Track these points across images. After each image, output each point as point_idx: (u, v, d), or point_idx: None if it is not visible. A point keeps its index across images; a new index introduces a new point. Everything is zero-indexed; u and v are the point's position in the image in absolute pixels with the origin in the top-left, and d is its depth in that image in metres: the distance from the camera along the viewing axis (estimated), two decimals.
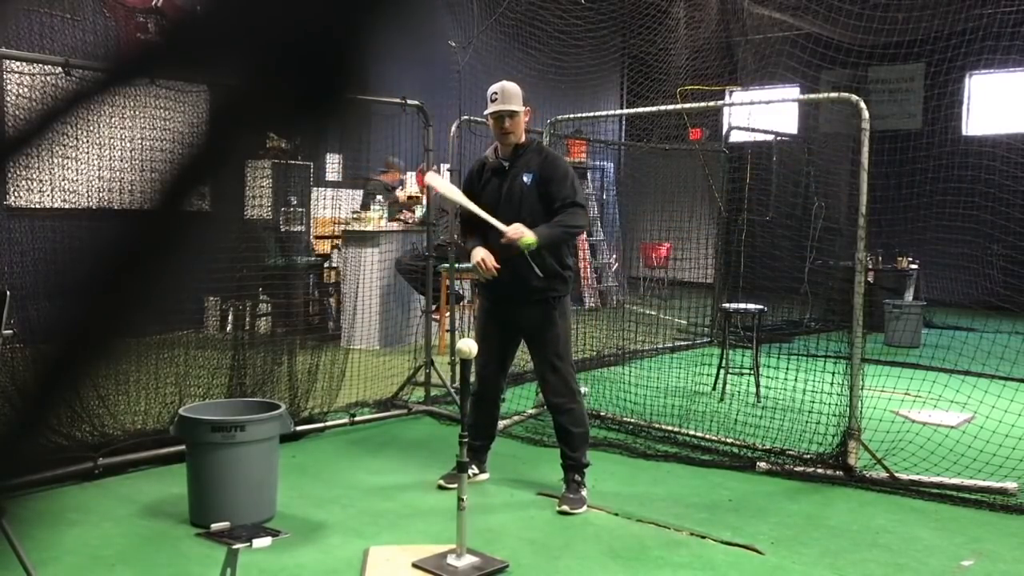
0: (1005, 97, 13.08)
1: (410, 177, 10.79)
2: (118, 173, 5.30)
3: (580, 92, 10.87)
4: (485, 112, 4.48)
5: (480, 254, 4.37)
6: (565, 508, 4.27)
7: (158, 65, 0.64)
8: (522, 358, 5.39)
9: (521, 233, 4.20)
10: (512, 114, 4.41)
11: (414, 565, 3.56)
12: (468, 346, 3.61)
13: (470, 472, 4.22)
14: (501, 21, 9.30)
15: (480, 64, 8.56)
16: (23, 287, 4.39)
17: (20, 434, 0.63)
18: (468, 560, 3.57)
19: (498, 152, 4.54)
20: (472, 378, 3.96)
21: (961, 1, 8.99)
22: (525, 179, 4.41)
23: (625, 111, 10.95)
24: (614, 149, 12.49)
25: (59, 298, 0.62)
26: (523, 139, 4.53)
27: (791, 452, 5.08)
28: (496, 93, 4.41)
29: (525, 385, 6.62)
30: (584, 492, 4.39)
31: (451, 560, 3.56)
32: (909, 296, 10.98)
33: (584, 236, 12.42)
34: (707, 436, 5.47)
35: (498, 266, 4.35)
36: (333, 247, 9.62)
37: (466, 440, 3.67)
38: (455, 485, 4.54)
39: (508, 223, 4.33)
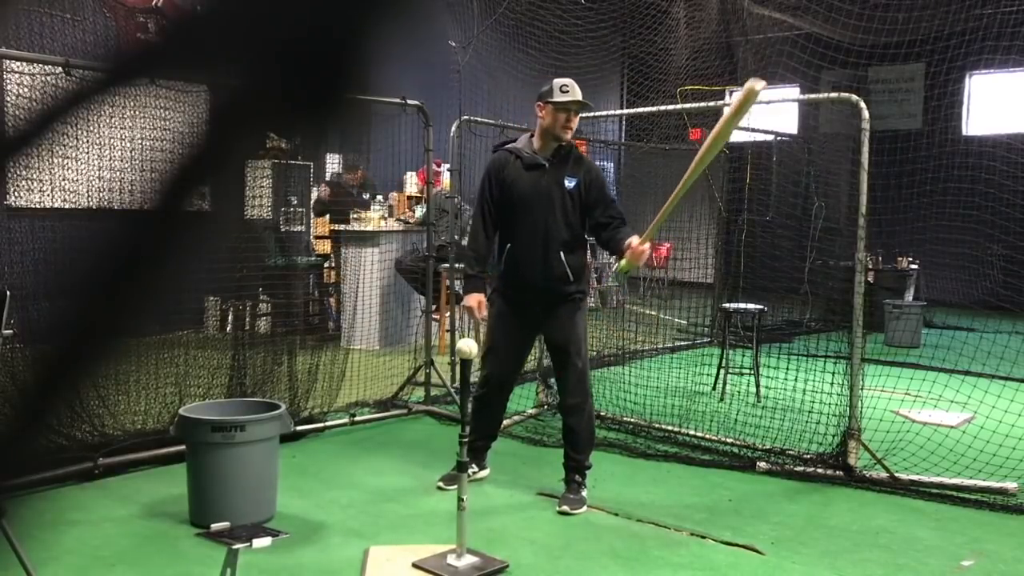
0: (1005, 97, 13.07)
1: (411, 177, 10.79)
2: (118, 173, 5.30)
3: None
4: (552, 99, 4.29)
5: (474, 301, 4.36)
6: (565, 508, 4.27)
7: (158, 65, 0.64)
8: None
9: (642, 252, 4.06)
10: (583, 108, 4.37)
11: (414, 565, 3.56)
12: (468, 346, 3.61)
13: (469, 470, 4.22)
14: (501, 21, 9.30)
15: (480, 64, 8.56)
16: (23, 287, 4.39)
17: (20, 434, 0.63)
18: (468, 560, 3.57)
19: (534, 147, 4.43)
20: (473, 378, 3.96)
21: (961, 1, 8.99)
22: (568, 184, 4.36)
23: (625, 111, 10.94)
24: (614, 149, 12.48)
25: (59, 298, 0.62)
26: (568, 141, 4.46)
27: (791, 452, 5.08)
28: (567, 85, 4.30)
29: (525, 385, 6.61)
30: (584, 493, 4.39)
31: (451, 560, 3.56)
32: (909, 296, 10.98)
33: None
34: (707, 436, 5.47)
35: (485, 313, 4.38)
36: (333, 247, 9.61)
37: (466, 440, 3.67)
38: (454, 486, 4.54)
39: (538, 220, 4.32)
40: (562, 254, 4.33)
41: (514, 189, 4.40)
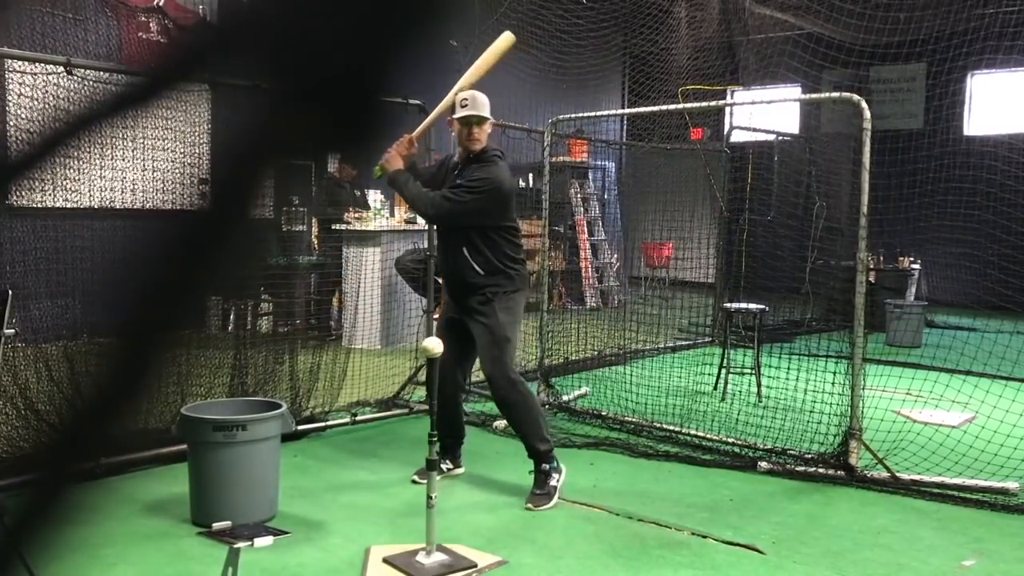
0: (1006, 97, 13.06)
1: None
2: (119, 173, 5.30)
3: (581, 91, 10.86)
4: (452, 116, 4.51)
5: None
6: (529, 506, 4.28)
7: (182, 77, 0.65)
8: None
9: (390, 158, 4.42)
10: (480, 120, 4.48)
11: (384, 560, 3.58)
12: (433, 344, 3.63)
13: (443, 467, 4.45)
14: (502, 21, 9.29)
15: None
16: (25, 286, 4.40)
17: (105, 415, 0.65)
18: (437, 558, 3.58)
19: (459, 157, 4.65)
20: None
21: (963, 1, 8.99)
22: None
23: (626, 111, 10.96)
24: (616, 149, 12.50)
25: (123, 294, 0.64)
26: (480, 149, 4.53)
27: (792, 452, 5.07)
28: (467, 100, 4.47)
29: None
30: (554, 482, 4.38)
31: (420, 557, 3.58)
32: (910, 296, 10.97)
33: (585, 235, 12.44)
34: (708, 436, 5.46)
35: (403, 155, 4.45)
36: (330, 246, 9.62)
37: (436, 439, 3.66)
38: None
39: (446, 228, 4.59)
40: (466, 253, 4.47)
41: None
